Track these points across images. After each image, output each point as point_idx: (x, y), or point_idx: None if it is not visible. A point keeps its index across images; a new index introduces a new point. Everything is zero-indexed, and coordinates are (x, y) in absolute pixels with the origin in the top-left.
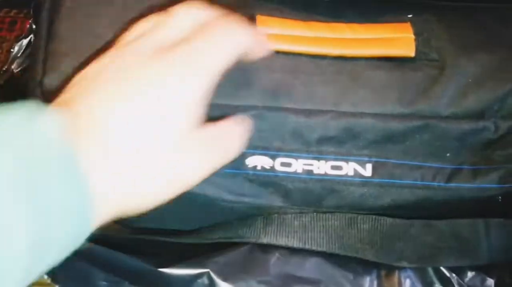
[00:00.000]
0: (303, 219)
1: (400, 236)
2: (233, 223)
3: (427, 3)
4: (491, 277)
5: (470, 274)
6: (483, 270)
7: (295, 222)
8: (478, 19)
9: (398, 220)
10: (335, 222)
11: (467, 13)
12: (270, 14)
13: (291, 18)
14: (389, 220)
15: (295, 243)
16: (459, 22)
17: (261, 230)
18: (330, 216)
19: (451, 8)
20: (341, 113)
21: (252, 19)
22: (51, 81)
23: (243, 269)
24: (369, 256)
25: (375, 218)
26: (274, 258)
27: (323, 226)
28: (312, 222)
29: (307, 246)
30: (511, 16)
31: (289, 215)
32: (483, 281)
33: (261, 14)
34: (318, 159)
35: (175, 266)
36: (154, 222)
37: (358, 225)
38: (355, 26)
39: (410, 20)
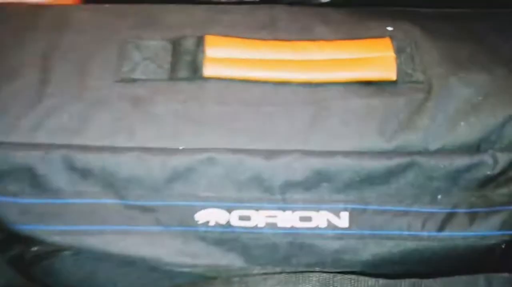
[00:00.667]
0: (269, 283)
1: None
2: None
3: (409, 11)
4: None
5: None
6: None
7: None
8: (472, 29)
9: (382, 281)
10: (307, 286)
11: (457, 22)
12: (223, 33)
13: (247, 37)
14: (370, 281)
15: None
16: (447, 33)
17: None
18: (301, 278)
19: (438, 16)
20: (308, 152)
21: (200, 40)
22: None
23: None
24: None
25: (354, 279)
26: None
27: None
28: (279, 286)
29: None
30: (509, 24)
31: (253, 278)
32: None
33: (211, 34)
34: (283, 209)
35: None
36: None
37: None
38: (325, 43)
39: (389, 34)
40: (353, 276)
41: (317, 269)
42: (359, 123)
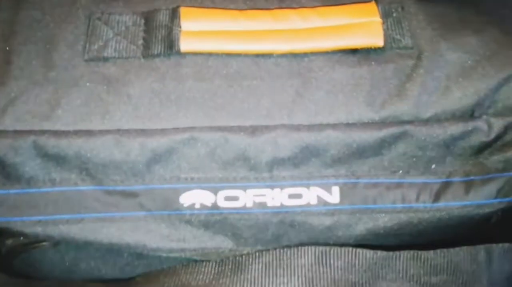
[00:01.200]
0: (263, 260)
1: (382, 273)
2: (179, 272)
3: None
4: None
5: None
6: None
7: (254, 265)
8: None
9: (380, 253)
10: (302, 260)
11: None
12: (197, 4)
13: (223, 8)
14: (368, 253)
15: None
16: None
17: (214, 279)
18: (296, 252)
19: None
20: (295, 126)
21: (174, 12)
22: None
23: None
24: None
25: (350, 252)
26: None
27: (287, 266)
28: (275, 262)
29: None
30: None
31: (246, 257)
32: None
33: (186, 6)
34: (272, 187)
35: None
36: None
37: (330, 261)
38: (307, 11)
39: None
40: (350, 249)
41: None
42: (346, 94)
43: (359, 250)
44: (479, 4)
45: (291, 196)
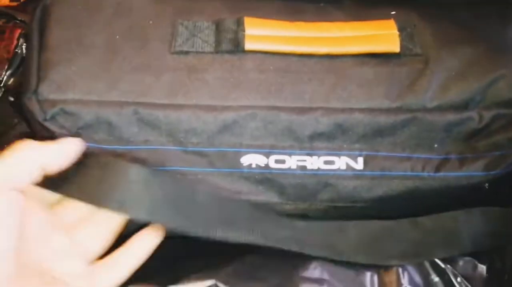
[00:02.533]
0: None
1: (387, 238)
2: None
3: (408, 0)
4: (482, 264)
5: (461, 262)
6: (475, 257)
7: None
8: (458, 15)
9: (385, 222)
10: (326, 229)
11: (447, 9)
12: (258, 16)
13: (278, 19)
14: (376, 224)
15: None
16: (440, 17)
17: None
18: (321, 224)
19: (433, 3)
20: (330, 109)
21: (239, 21)
22: (45, 90)
23: (249, 277)
24: (359, 259)
25: (363, 224)
26: (276, 262)
27: (315, 231)
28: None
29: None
30: (488, 13)
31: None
32: (475, 268)
33: (249, 16)
34: (311, 155)
35: (182, 282)
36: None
37: (347, 231)
38: (341, 24)
39: (393, 17)
40: (363, 222)
41: (339, 204)
42: (370, 87)
43: (370, 222)
44: (471, 24)
45: (325, 162)
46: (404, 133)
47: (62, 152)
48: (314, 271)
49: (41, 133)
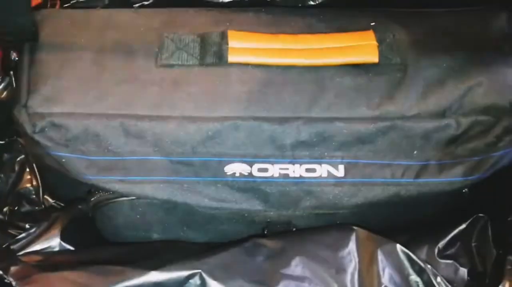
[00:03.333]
0: None
1: None
2: None
3: (390, 11)
4: (464, 267)
5: (443, 265)
6: (456, 260)
7: None
8: (437, 24)
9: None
10: None
11: (427, 18)
12: (241, 29)
13: (261, 32)
14: None
15: None
16: (419, 26)
17: None
18: None
19: (412, 14)
20: (312, 118)
21: (223, 34)
22: (34, 103)
23: (234, 269)
24: None
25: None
26: (262, 258)
27: None
28: None
29: None
30: (467, 21)
31: None
32: (456, 271)
33: (232, 30)
34: (293, 163)
35: (167, 268)
36: (139, 232)
37: None
38: (322, 36)
39: (372, 28)
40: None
41: (322, 211)
42: (350, 96)
43: None
44: (449, 32)
45: (307, 170)
46: (384, 141)
47: None
48: (296, 268)
49: (30, 145)
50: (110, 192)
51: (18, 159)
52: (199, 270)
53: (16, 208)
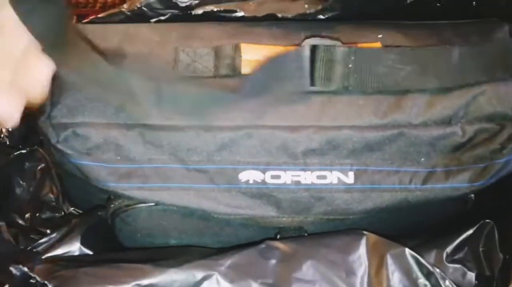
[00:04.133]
0: None
1: None
2: None
3: (395, 23)
4: (471, 271)
5: (451, 269)
6: (464, 265)
7: None
8: (442, 35)
9: None
10: None
11: (431, 30)
12: (254, 42)
13: (272, 44)
14: None
15: None
16: (424, 37)
17: None
18: None
19: (417, 26)
20: (322, 127)
21: (237, 47)
22: (58, 114)
23: (247, 271)
24: None
25: None
26: (274, 261)
27: None
28: None
29: None
30: (469, 32)
31: None
32: (464, 275)
33: (244, 43)
34: (305, 170)
35: (183, 268)
36: (156, 237)
37: None
38: None
39: (380, 40)
40: None
41: (332, 216)
42: (359, 105)
43: None
44: (452, 44)
45: (318, 177)
46: (391, 148)
47: None
48: (307, 272)
49: (53, 154)
50: (129, 199)
51: (39, 167)
52: (214, 272)
53: (37, 215)
